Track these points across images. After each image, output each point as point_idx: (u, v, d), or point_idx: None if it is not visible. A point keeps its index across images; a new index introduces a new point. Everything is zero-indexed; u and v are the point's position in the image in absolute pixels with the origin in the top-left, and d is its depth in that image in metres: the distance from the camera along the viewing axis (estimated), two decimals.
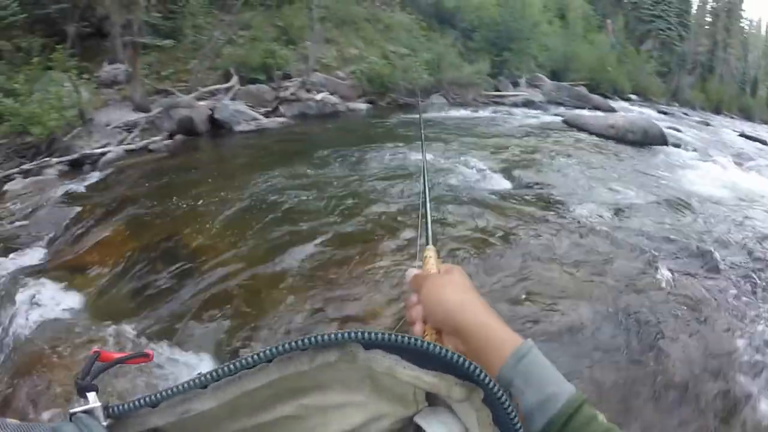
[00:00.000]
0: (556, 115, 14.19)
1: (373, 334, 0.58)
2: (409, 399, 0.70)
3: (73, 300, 4.44)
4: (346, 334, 0.58)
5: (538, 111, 15.51)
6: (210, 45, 13.66)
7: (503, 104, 16.82)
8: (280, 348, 0.57)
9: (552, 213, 6.16)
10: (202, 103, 12.00)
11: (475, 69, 17.12)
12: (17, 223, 6.60)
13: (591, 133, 11.34)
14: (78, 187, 7.97)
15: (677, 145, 11.84)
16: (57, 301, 4.40)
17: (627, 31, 35.83)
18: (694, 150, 11.93)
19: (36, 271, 5.00)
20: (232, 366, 0.57)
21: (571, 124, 12.58)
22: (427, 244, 0.92)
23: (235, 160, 9.53)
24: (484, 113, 14.62)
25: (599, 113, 15.14)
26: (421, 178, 1.16)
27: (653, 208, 6.80)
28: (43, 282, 4.67)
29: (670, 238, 5.68)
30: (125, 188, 7.85)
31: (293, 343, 0.57)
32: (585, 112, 14.93)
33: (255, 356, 0.57)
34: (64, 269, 4.99)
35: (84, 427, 0.52)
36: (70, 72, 10.22)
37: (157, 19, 12.68)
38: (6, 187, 8.27)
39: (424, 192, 1.10)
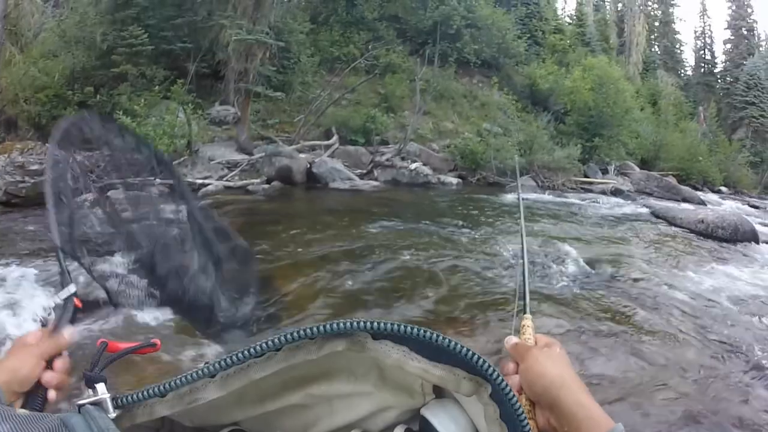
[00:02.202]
0: (644, 206, 13.38)
1: (381, 324, 0.56)
2: (416, 390, 0.70)
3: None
4: (354, 323, 0.56)
5: (627, 201, 14.67)
6: (317, 103, 13.83)
7: (591, 191, 16.10)
8: (289, 336, 0.55)
9: (635, 311, 5.30)
10: (302, 155, 12.02)
11: (566, 153, 16.59)
12: (111, 229, 6.42)
13: (679, 227, 10.52)
14: (177, 210, 7.86)
15: None
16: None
17: (719, 119, 34.41)
18: None
19: None
20: (240, 354, 0.56)
21: (659, 216, 11.80)
22: (525, 313, 0.89)
23: (328, 215, 9.27)
24: (573, 199, 13.98)
25: (688, 206, 14.21)
26: (521, 248, 1.13)
27: (741, 313, 5.79)
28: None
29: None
30: (222, 221, 7.71)
31: (302, 332, 0.56)
32: (674, 205, 14.01)
33: (263, 344, 0.56)
34: None
35: (91, 419, 0.51)
36: (185, 105, 10.60)
37: (271, 71, 13.04)
38: (109, 193, 8.30)
39: (524, 262, 1.07)
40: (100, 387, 0.58)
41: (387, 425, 0.73)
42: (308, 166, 11.67)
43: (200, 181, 9.73)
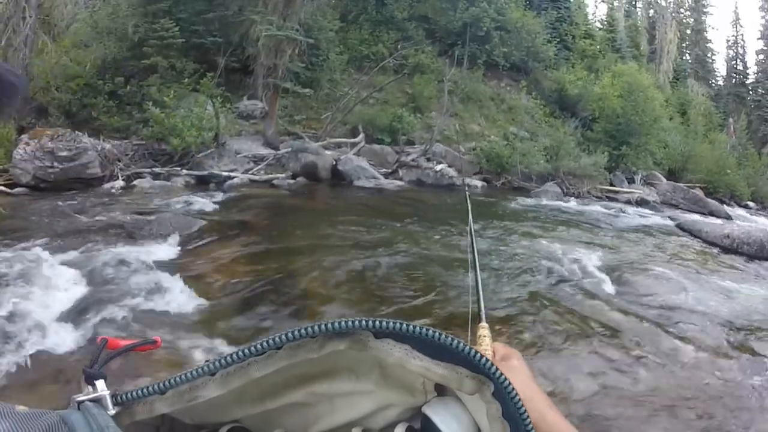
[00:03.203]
0: (669, 218, 13.10)
1: (384, 323, 0.56)
2: (417, 389, 0.69)
3: (188, 303, 4.39)
4: (356, 322, 0.56)
5: (652, 212, 14.33)
6: (344, 100, 13.82)
7: (617, 200, 15.79)
8: (290, 335, 0.55)
9: (653, 326, 5.10)
10: (328, 152, 11.99)
11: (593, 161, 16.27)
12: (143, 218, 6.70)
13: (704, 241, 10.28)
14: (203, 201, 8.11)
15: None
16: (174, 298, 4.41)
17: (749, 132, 33.35)
18: None
19: (159, 266, 5.04)
20: (241, 353, 0.56)
21: (684, 229, 11.55)
22: (481, 321, 0.89)
23: (351, 212, 9.22)
24: (597, 207, 13.71)
25: (715, 220, 13.96)
26: (470, 255, 1.12)
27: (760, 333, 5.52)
28: (163, 277, 4.75)
29: None
30: (247, 214, 7.91)
31: (303, 330, 0.55)
32: (700, 218, 13.71)
33: (264, 343, 0.55)
34: (183, 273, 4.95)
35: (90, 416, 0.51)
36: (214, 98, 10.65)
37: (300, 68, 13.02)
38: (136, 182, 8.89)
39: (476, 268, 1.08)
40: (100, 384, 0.57)
41: (388, 423, 0.72)
42: (334, 163, 11.65)
43: (226, 174, 9.76)
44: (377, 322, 0.56)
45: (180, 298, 4.39)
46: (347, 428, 0.71)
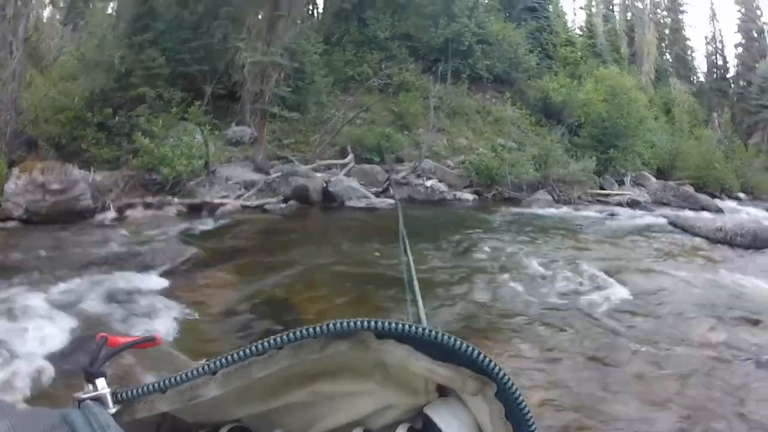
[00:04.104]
0: (661, 216, 13.21)
1: (386, 324, 0.56)
2: (419, 389, 0.68)
3: (183, 329, 4.48)
4: (359, 323, 0.56)
5: (644, 212, 14.45)
6: (332, 122, 13.94)
7: (608, 203, 15.90)
8: (292, 335, 0.55)
9: (656, 329, 5.11)
10: (318, 174, 12.08)
11: (581, 166, 16.40)
12: (136, 248, 6.81)
13: (698, 236, 10.39)
14: (195, 229, 8.28)
15: None
16: (168, 325, 4.50)
17: (734, 124, 33.53)
18: None
19: (153, 295, 5.18)
20: (242, 352, 0.56)
21: (676, 226, 11.66)
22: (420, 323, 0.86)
23: (344, 234, 9.31)
24: (589, 212, 13.83)
25: (706, 214, 14.19)
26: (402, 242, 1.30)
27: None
28: (158, 305, 4.87)
29: None
30: (240, 240, 8.04)
31: (305, 331, 0.55)
32: (691, 214, 13.85)
33: (266, 343, 0.56)
34: (178, 300, 5.05)
35: (91, 414, 0.51)
36: (202, 126, 10.75)
37: (286, 92, 13.13)
38: (128, 212, 8.99)
39: (410, 271, 1.29)
40: (100, 382, 0.58)
41: (389, 423, 0.72)
42: (324, 184, 11.71)
43: (218, 201, 9.82)
44: (379, 323, 0.56)
45: (174, 325, 4.47)
46: (348, 428, 0.72)
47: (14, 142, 9.92)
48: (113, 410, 0.56)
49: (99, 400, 0.56)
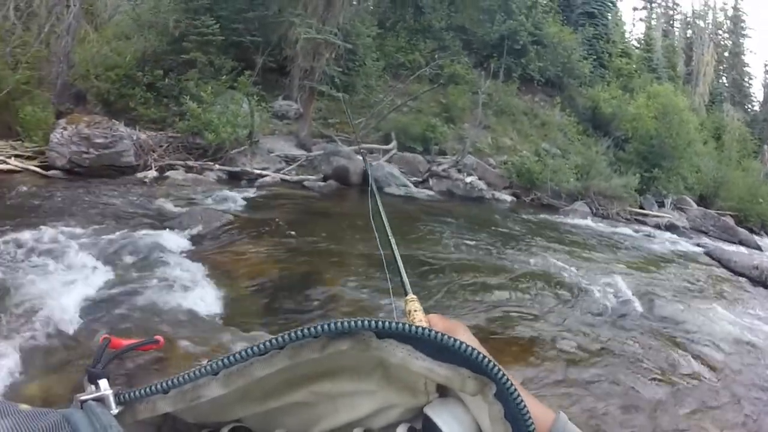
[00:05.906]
0: (698, 245, 12.79)
1: (387, 323, 0.56)
2: (419, 389, 0.68)
3: (212, 297, 4.37)
4: (359, 322, 0.56)
5: (681, 238, 13.97)
6: (379, 107, 13.86)
7: (646, 224, 15.42)
8: (293, 335, 0.55)
9: (680, 361, 4.84)
10: (360, 157, 11.86)
11: (624, 182, 15.95)
12: (174, 209, 6.84)
13: (733, 271, 9.98)
14: (234, 197, 8.17)
15: None
16: (198, 292, 4.38)
17: None
18: None
19: (185, 258, 5.10)
20: (243, 353, 0.56)
21: (713, 257, 11.23)
22: (407, 295, 0.86)
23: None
24: (626, 230, 13.43)
25: (744, 250, 13.77)
26: (388, 232, 1.11)
27: None
28: (189, 269, 4.78)
29: None
30: (276, 212, 7.92)
31: (305, 331, 0.55)
32: (730, 247, 13.39)
33: (267, 343, 0.56)
34: (209, 266, 4.97)
35: (93, 415, 0.51)
36: (250, 96, 10.75)
37: (336, 72, 13.01)
38: (168, 173, 8.97)
39: (390, 240, 1.08)
40: (103, 383, 0.57)
41: (389, 423, 0.71)
42: (365, 168, 11.53)
43: (258, 171, 9.80)
44: (380, 323, 0.56)
45: (204, 292, 4.36)
46: (349, 428, 0.71)
47: (63, 95, 10.05)
48: (116, 411, 0.56)
49: (102, 401, 0.56)
